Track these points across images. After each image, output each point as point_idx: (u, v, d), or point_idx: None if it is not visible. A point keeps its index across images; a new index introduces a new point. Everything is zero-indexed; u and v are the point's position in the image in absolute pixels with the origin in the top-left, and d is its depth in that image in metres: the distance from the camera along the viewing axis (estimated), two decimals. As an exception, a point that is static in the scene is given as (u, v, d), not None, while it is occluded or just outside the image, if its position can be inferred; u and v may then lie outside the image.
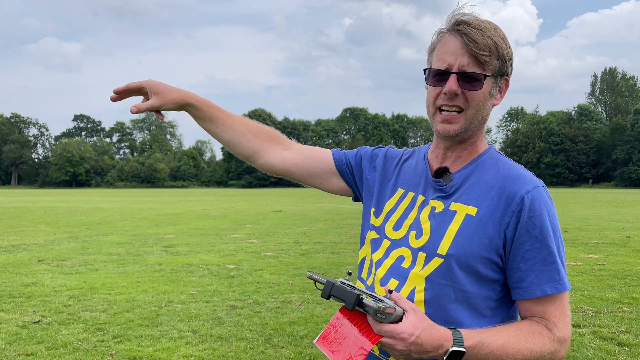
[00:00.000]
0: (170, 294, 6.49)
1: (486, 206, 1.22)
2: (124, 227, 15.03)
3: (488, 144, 1.36)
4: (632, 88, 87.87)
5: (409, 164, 1.46)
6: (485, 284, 1.22)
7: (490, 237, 1.20)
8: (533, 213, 1.19)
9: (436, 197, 1.31)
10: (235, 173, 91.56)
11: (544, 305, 1.20)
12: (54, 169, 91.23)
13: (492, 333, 1.16)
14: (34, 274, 7.77)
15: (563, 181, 78.58)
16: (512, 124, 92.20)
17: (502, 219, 1.20)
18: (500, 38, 1.24)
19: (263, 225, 15.35)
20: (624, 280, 7.11)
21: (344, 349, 1.10)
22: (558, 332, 1.19)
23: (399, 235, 1.33)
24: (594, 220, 16.31)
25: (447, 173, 1.31)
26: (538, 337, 1.18)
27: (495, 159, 1.31)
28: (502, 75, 1.28)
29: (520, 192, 1.20)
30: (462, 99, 1.24)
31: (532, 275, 1.19)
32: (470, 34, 1.21)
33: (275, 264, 8.55)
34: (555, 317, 1.20)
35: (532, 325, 1.20)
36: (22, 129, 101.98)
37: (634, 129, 72.06)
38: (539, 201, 1.20)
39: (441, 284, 1.22)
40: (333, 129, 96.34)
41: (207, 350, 4.47)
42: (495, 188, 1.24)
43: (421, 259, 1.25)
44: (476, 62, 1.22)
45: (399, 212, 1.37)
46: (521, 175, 1.24)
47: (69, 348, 4.52)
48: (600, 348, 4.45)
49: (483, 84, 1.23)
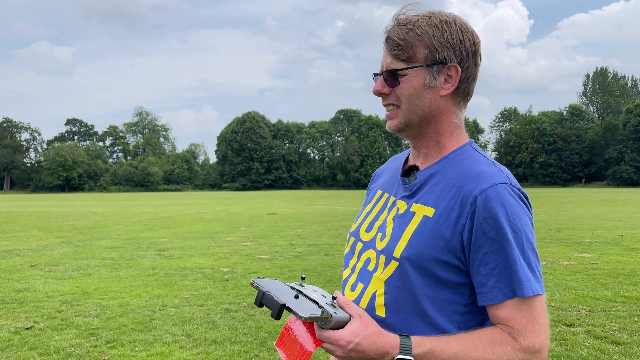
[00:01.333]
0: (164, 298, 6.45)
1: (443, 207, 1.16)
2: (117, 231, 14.95)
3: (467, 141, 1.28)
4: (624, 88, 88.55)
5: (392, 165, 1.45)
6: (448, 288, 1.15)
7: (446, 239, 1.13)
8: (488, 214, 1.10)
9: (402, 197, 1.27)
10: (229, 176, 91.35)
11: (508, 311, 1.10)
12: (47, 174, 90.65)
13: (447, 341, 1.10)
14: (26, 279, 7.71)
15: (556, 181, 78.97)
16: (505, 124, 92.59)
17: (457, 220, 1.13)
18: (430, 26, 1.18)
19: (257, 228, 15.32)
20: (617, 279, 7.14)
21: (294, 351, 1.11)
22: (524, 340, 1.09)
23: (369, 237, 1.30)
24: (586, 220, 16.39)
25: (414, 171, 1.28)
26: (499, 346, 1.09)
27: (466, 155, 1.23)
28: (440, 64, 1.19)
29: (474, 191, 1.13)
30: (394, 97, 1.24)
31: (492, 280, 1.11)
32: (389, 34, 1.21)
33: (270, 267, 8.53)
34: (520, 324, 1.09)
35: (494, 332, 1.11)
36: (14, 133, 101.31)
37: (625, 128, 72.55)
38: (494, 200, 1.11)
39: (399, 287, 1.17)
40: (327, 130, 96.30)
41: (202, 354, 4.45)
42: (454, 187, 1.17)
43: (382, 261, 1.21)
44: (396, 58, 1.20)
45: (373, 214, 1.35)
46: (481, 173, 1.16)
47: (62, 354, 4.48)
48: (594, 347, 4.46)
49: (405, 79, 1.20)
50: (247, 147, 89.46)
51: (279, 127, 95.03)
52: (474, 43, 1.21)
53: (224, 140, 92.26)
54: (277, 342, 1.16)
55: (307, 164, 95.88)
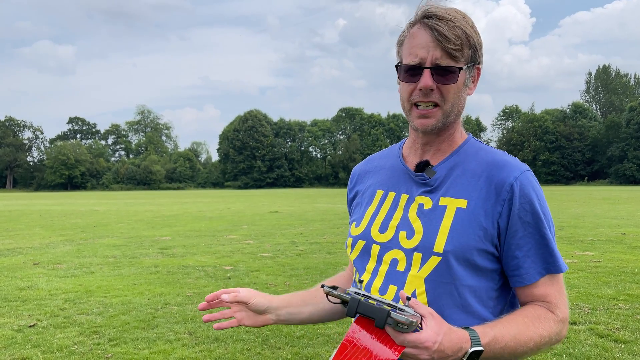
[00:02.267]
0: (167, 296, 6.47)
1: (476, 197, 1.20)
2: (119, 229, 14.98)
3: (467, 134, 1.33)
4: (626, 86, 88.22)
5: (382, 164, 1.42)
6: (484, 275, 1.20)
7: (484, 228, 1.18)
8: (524, 199, 1.18)
9: (422, 193, 1.26)
10: (231, 174, 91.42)
11: (544, 288, 1.20)
12: (49, 172, 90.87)
13: (504, 325, 1.14)
14: (29, 277, 7.73)
15: (558, 179, 78.82)
16: (507, 122, 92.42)
17: (494, 208, 1.18)
18: (469, 26, 1.20)
19: (259, 226, 15.33)
20: (620, 277, 7.13)
21: None
22: (560, 312, 1.20)
23: (387, 237, 1.27)
24: (589, 218, 16.36)
25: (429, 166, 1.28)
26: (544, 321, 1.18)
27: (477, 147, 1.29)
28: (474, 65, 1.24)
29: (508, 179, 1.18)
30: (437, 94, 1.21)
31: (529, 261, 1.19)
32: (439, 27, 1.17)
33: (272, 265, 8.54)
34: (555, 298, 1.21)
35: (536, 310, 1.19)
36: (17, 132, 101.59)
37: (628, 127, 72.37)
38: (528, 187, 1.19)
39: (442, 282, 1.18)
40: (329, 129, 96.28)
41: (204, 352, 4.46)
42: (482, 177, 1.21)
43: (417, 259, 1.20)
44: (448, 55, 1.18)
45: (382, 214, 1.31)
46: (507, 162, 1.22)
47: (65, 352, 4.49)
48: (597, 345, 4.46)
49: (458, 77, 1.20)
50: (249, 145, 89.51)
51: (280, 125, 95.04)
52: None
53: (226, 139, 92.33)
54: (336, 358, 1.07)
55: (309, 162, 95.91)
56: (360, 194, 1.43)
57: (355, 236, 1.34)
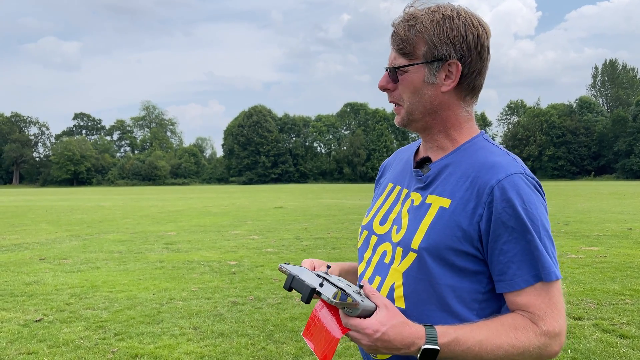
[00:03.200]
0: (172, 291, 6.49)
1: (459, 198, 1.18)
2: (125, 225, 15.04)
3: (479, 131, 1.31)
4: (633, 80, 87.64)
5: (401, 157, 1.46)
6: (466, 277, 1.17)
7: (463, 229, 1.15)
8: (506, 203, 1.12)
9: (416, 189, 1.28)
10: (236, 170, 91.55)
11: (528, 298, 1.13)
12: (55, 168, 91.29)
13: (471, 329, 1.11)
14: (35, 272, 7.78)
15: (565, 174, 78.50)
16: (512, 117, 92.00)
17: (474, 211, 1.15)
18: (432, 22, 1.18)
19: (264, 222, 15.35)
20: (626, 273, 7.10)
21: (320, 339, 1.12)
22: (544, 325, 1.11)
23: (384, 230, 1.31)
24: (595, 213, 16.29)
25: (427, 163, 1.29)
26: (521, 331, 1.11)
27: (479, 146, 1.25)
28: (440, 60, 1.19)
29: (490, 182, 1.15)
30: (396, 93, 1.26)
31: (513, 267, 1.13)
32: (395, 29, 1.22)
33: (277, 260, 8.55)
34: (540, 309, 1.12)
35: (515, 319, 1.13)
36: (23, 128, 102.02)
37: (635, 121, 71.92)
38: (511, 190, 1.13)
39: (417, 278, 1.19)
40: (334, 124, 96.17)
41: (209, 346, 4.48)
42: (470, 178, 1.19)
43: (399, 254, 1.23)
44: (399, 54, 1.22)
45: (385, 207, 1.36)
46: (496, 163, 1.18)
47: (71, 346, 4.52)
48: (602, 340, 4.44)
49: (406, 75, 1.22)
50: (253, 141, 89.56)
51: (285, 120, 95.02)
52: (478, 37, 1.19)
53: (231, 134, 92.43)
54: (305, 332, 1.16)
55: (314, 157, 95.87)
56: (377, 185, 1.50)
57: (363, 226, 1.41)
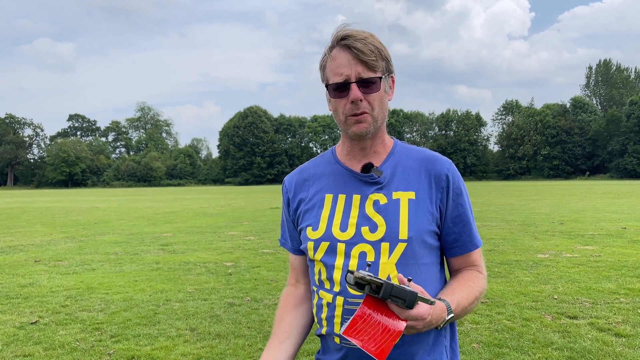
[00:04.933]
0: (168, 292, 6.48)
1: (420, 188, 1.44)
2: (120, 226, 15.00)
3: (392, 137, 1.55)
4: (627, 80, 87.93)
5: (320, 172, 1.56)
6: (433, 252, 1.45)
7: (431, 212, 1.42)
8: (455, 185, 1.46)
9: (374, 191, 1.44)
10: (232, 170, 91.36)
11: (475, 256, 1.51)
12: (50, 169, 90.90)
13: (459, 291, 1.40)
14: (30, 274, 7.75)
15: (559, 173, 78.69)
16: (507, 117, 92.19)
17: (435, 195, 1.44)
18: (378, 42, 1.40)
19: (260, 222, 15.34)
20: (620, 271, 7.14)
21: (376, 335, 1.20)
22: (484, 271, 1.53)
23: (349, 234, 1.42)
24: (589, 212, 16.36)
25: (374, 167, 1.46)
26: (478, 280, 1.47)
27: (406, 147, 1.53)
28: (389, 74, 1.45)
29: (443, 170, 1.46)
30: (365, 103, 1.39)
31: (464, 235, 1.47)
32: (355, 45, 1.36)
33: (273, 261, 8.55)
34: (480, 261, 1.53)
35: (471, 273, 1.49)
36: (17, 129, 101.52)
37: (629, 121, 72.23)
38: (457, 175, 1.48)
39: (408, 264, 1.38)
40: (329, 125, 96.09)
41: (205, 348, 4.47)
42: (422, 171, 1.46)
43: (385, 248, 1.38)
44: (368, 68, 1.37)
45: (338, 215, 1.45)
46: (436, 156, 1.49)
47: (67, 348, 4.51)
48: (597, 339, 4.46)
49: (380, 85, 1.39)
50: (249, 141, 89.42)
51: (281, 121, 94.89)
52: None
53: (226, 135, 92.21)
54: (346, 331, 1.21)
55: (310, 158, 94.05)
56: (306, 201, 1.53)
57: (317, 239, 1.46)
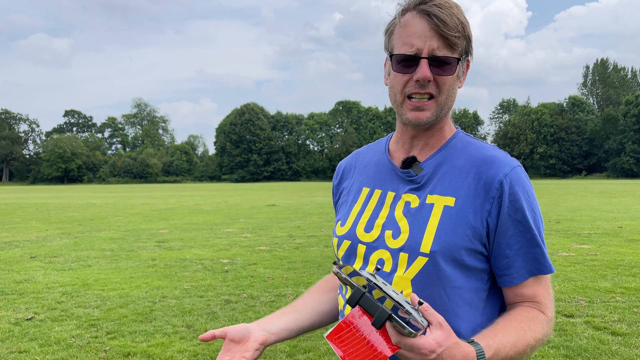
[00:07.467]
0: (164, 289, 6.46)
1: (464, 194, 1.14)
2: (116, 222, 14.95)
3: (456, 128, 1.28)
4: (624, 79, 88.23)
5: (368, 160, 1.36)
6: (474, 276, 1.15)
7: (473, 226, 1.12)
8: (513, 197, 1.13)
9: (409, 191, 1.21)
10: (228, 167, 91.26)
11: (533, 288, 1.17)
12: (46, 165, 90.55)
13: (503, 334, 1.09)
14: (26, 270, 7.72)
15: (556, 172, 78.94)
16: (504, 115, 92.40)
17: (482, 206, 1.13)
18: (463, 16, 1.15)
19: (257, 220, 15.32)
20: (617, 270, 7.16)
21: (358, 351, 0.99)
22: (549, 312, 1.18)
23: (373, 237, 1.21)
24: (586, 211, 16.40)
25: (416, 162, 1.22)
26: (537, 323, 1.14)
27: (465, 142, 1.23)
28: (467, 56, 1.19)
29: (498, 176, 1.14)
30: (433, 85, 1.15)
31: (519, 260, 1.14)
32: (438, 14, 1.10)
33: (269, 258, 8.54)
34: (545, 298, 1.18)
35: (529, 312, 1.15)
36: (13, 125, 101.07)
37: (626, 119, 72.46)
38: (518, 184, 1.14)
39: (429, 284, 1.12)
40: (326, 122, 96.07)
41: (202, 345, 4.46)
42: (471, 173, 1.16)
43: (403, 260, 1.14)
44: (446, 45, 1.12)
45: (368, 213, 1.25)
46: (496, 158, 1.17)
47: (63, 344, 4.49)
48: (594, 337, 4.47)
49: (455, 68, 1.15)
50: (245, 138, 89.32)
51: (277, 118, 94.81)
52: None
53: (223, 132, 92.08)
54: (330, 335, 1.01)
55: (307, 155, 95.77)
56: (346, 192, 1.37)
57: (341, 236, 1.28)
